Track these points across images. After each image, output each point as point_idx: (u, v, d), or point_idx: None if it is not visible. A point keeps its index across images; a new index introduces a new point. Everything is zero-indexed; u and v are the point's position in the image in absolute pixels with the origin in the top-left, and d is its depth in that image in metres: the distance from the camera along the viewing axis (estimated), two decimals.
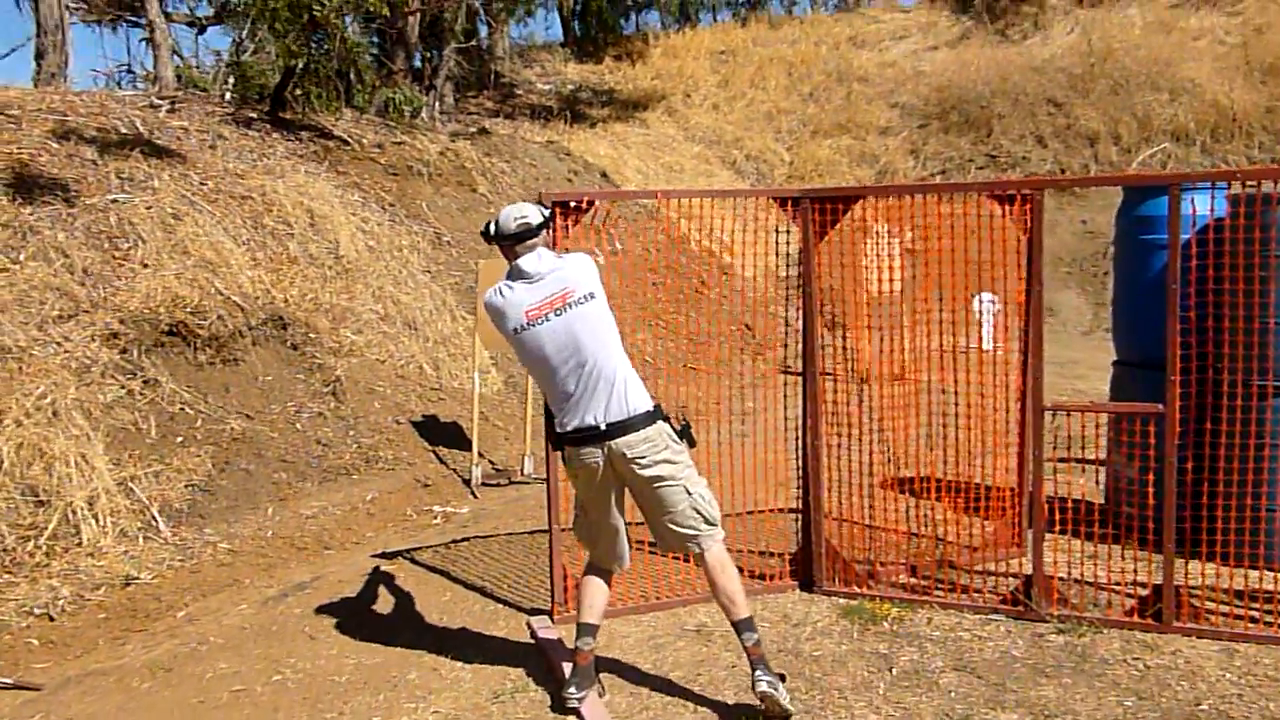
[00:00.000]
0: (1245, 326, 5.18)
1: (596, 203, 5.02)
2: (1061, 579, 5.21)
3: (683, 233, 14.04)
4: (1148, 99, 16.98)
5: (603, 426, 3.97)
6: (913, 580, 5.45)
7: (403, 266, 11.03)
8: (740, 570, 4.33)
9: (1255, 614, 4.90)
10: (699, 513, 4.09)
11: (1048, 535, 5.22)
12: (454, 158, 13.78)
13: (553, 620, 5.24)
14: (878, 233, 5.88)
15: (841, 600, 5.33)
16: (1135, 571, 5.22)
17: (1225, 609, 4.95)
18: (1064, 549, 5.44)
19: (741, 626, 4.09)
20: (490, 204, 13.28)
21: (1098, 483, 6.47)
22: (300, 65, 12.36)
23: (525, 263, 4.02)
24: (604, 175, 16.22)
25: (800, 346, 5.34)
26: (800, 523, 5.54)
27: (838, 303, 5.44)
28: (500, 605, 5.61)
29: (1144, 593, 4.94)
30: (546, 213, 4.13)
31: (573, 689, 4.24)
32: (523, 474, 8.43)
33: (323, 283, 9.79)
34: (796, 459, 5.47)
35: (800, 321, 5.30)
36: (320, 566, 6.60)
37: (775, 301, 13.87)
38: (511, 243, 4.04)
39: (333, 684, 4.83)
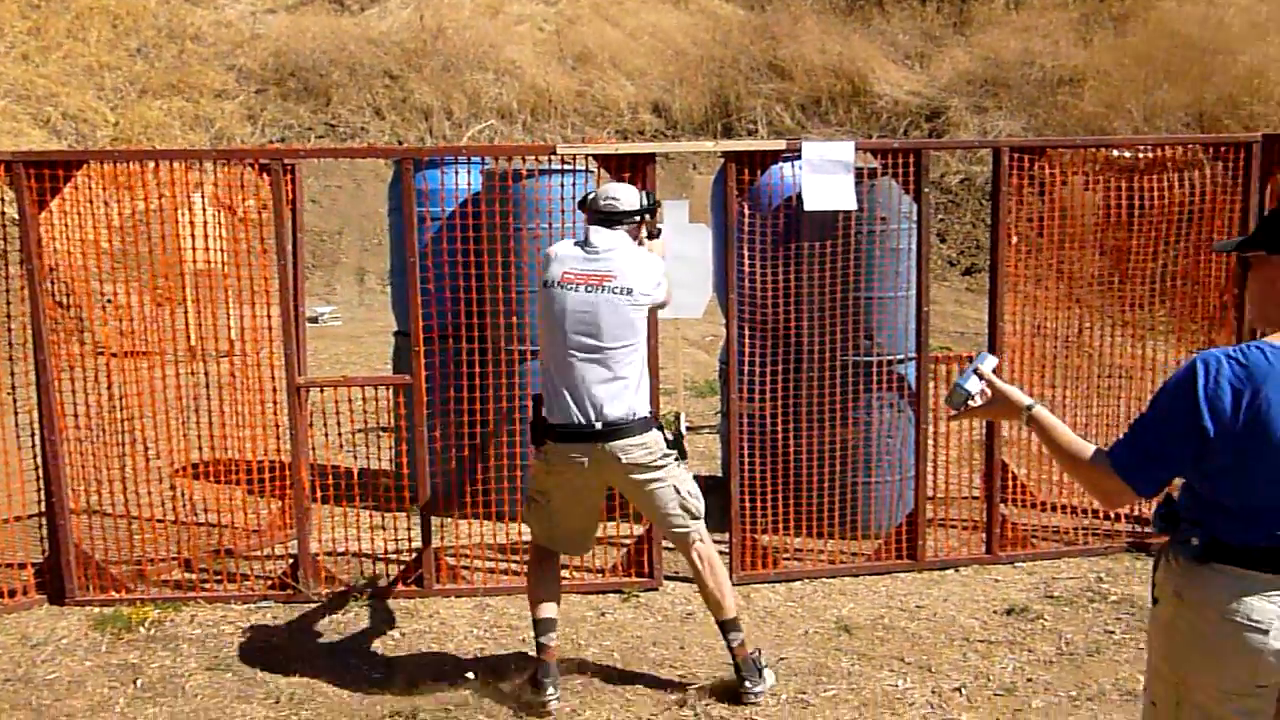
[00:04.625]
0: (502, 296, 5.41)
1: None
2: (333, 555, 5.16)
3: None
4: (476, 78, 17.84)
5: (597, 426, 3.78)
6: (187, 576, 5.09)
7: None
8: None
9: (512, 566, 5.21)
10: (685, 509, 3.94)
11: (337, 510, 5.17)
12: None
13: None
14: (194, 201, 5.37)
15: (97, 609, 4.82)
16: (409, 540, 5.30)
17: (489, 565, 5.21)
18: (353, 524, 5.39)
19: (726, 627, 3.98)
20: None
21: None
22: None
23: (593, 234, 3.94)
24: None
25: (30, 330, 4.70)
26: (46, 528, 4.91)
27: (74, 277, 4.86)
28: None
29: (409, 559, 5.03)
30: (645, 203, 4.02)
31: (551, 690, 3.89)
32: None
33: None
34: (34, 455, 4.83)
35: (27, 301, 4.66)
36: None
37: (98, 277, 12.62)
38: (594, 219, 3.97)
39: None
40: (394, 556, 5.23)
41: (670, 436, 3.93)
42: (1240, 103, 14.71)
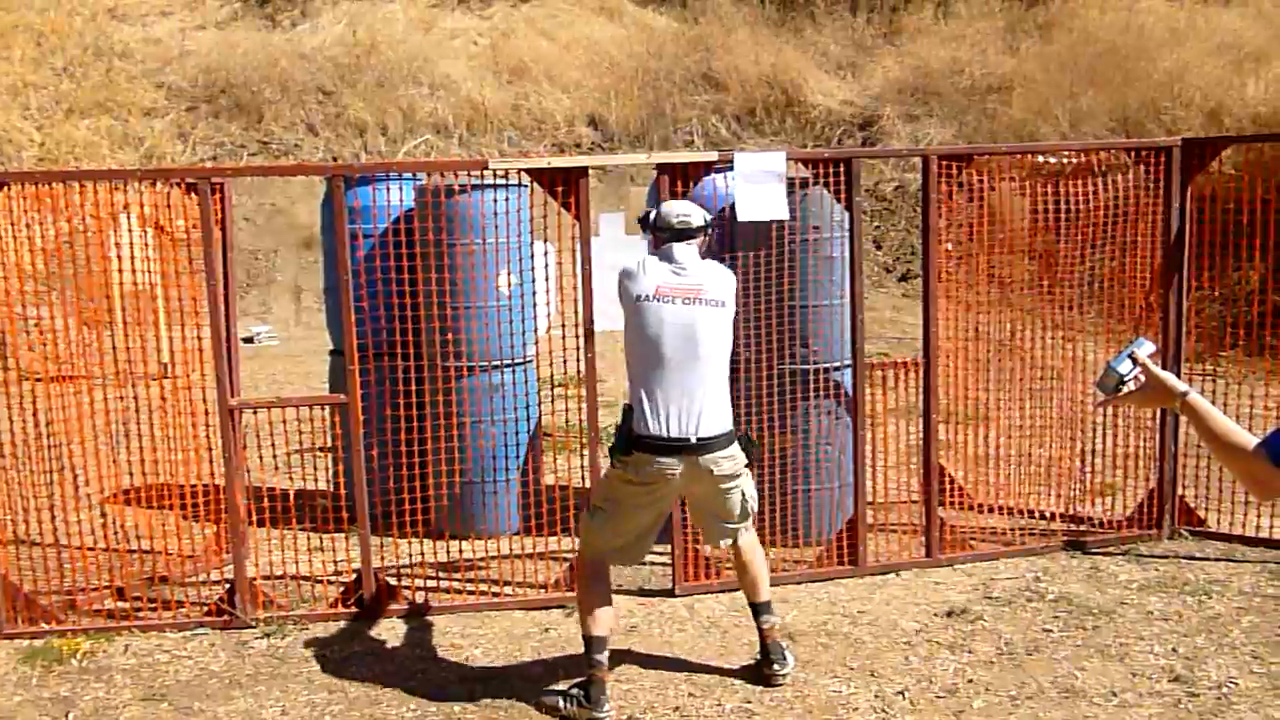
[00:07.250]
0: (438, 312, 5.35)
1: None
2: (270, 579, 5.08)
3: None
4: (411, 92, 17.73)
5: (693, 440, 3.85)
6: (120, 605, 4.97)
7: None
8: None
9: (454, 585, 5.16)
10: (744, 513, 4.13)
11: (274, 533, 5.13)
12: None
13: None
14: (125, 222, 5.26)
15: (26, 642, 4.70)
16: (348, 560, 5.24)
17: (430, 584, 5.16)
18: (290, 546, 5.30)
19: (760, 609, 4.18)
20: None
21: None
22: None
23: (677, 251, 4.01)
24: None
25: None
26: None
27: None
28: None
29: (349, 580, 4.97)
30: (709, 218, 4.14)
31: (608, 708, 3.92)
32: None
33: None
34: None
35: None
36: None
37: (22, 300, 12.28)
38: (668, 236, 4.04)
39: None
40: (333, 578, 5.17)
41: (742, 446, 4.04)
42: (1161, 107, 15.03)
